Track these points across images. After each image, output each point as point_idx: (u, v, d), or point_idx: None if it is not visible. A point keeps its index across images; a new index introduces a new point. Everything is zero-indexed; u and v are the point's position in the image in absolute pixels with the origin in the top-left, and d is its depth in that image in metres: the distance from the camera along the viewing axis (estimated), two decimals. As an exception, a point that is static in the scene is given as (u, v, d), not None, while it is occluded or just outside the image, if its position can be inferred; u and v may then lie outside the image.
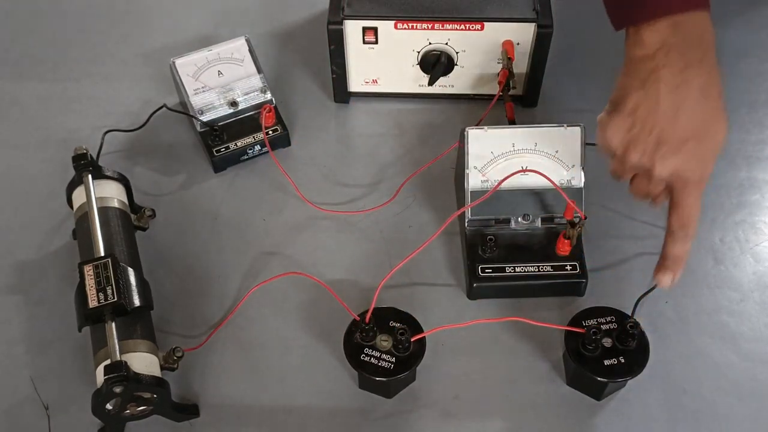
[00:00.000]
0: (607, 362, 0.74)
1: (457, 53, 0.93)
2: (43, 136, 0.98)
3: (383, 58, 0.94)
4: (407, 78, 0.97)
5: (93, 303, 0.72)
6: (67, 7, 1.11)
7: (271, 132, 0.94)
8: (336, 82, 0.98)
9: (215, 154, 0.93)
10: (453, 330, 0.80)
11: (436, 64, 0.93)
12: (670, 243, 0.74)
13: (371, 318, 0.75)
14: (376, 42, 0.93)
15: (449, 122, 0.98)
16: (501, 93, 0.93)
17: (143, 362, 0.72)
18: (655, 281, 0.75)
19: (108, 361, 0.70)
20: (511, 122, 0.90)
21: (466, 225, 0.84)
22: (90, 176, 0.81)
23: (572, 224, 0.80)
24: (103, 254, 0.76)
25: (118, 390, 0.69)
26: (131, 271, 0.77)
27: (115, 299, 0.73)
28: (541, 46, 0.91)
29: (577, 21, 1.03)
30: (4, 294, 0.85)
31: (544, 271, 0.82)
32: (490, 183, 0.83)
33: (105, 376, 0.69)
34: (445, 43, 0.92)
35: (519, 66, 0.94)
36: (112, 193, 0.83)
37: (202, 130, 0.93)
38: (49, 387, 0.79)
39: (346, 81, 0.97)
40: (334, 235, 0.89)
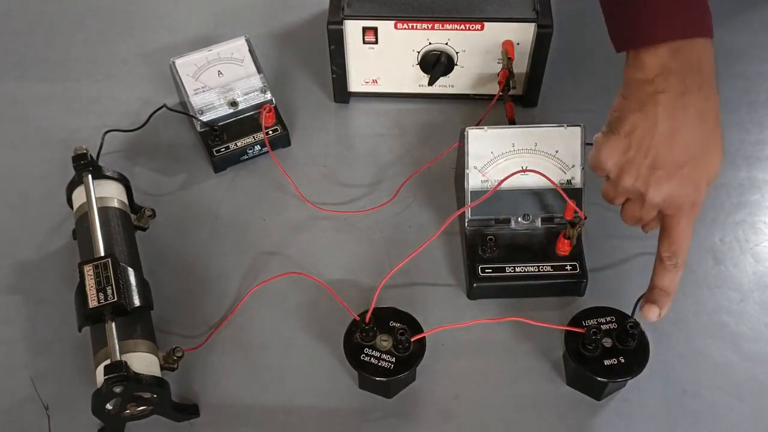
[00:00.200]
0: (607, 362, 0.74)
1: (457, 53, 0.93)
2: (43, 136, 0.98)
3: (383, 58, 0.94)
4: (407, 78, 0.97)
5: (93, 303, 0.72)
6: (67, 7, 1.11)
7: (271, 132, 0.94)
8: (336, 82, 0.98)
9: (215, 154, 0.93)
10: (453, 330, 0.80)
11: (436, 64, 0.93)
12: (659, 273, 0.73)
13: (371, 318, 0.75)
14: (376, 42, 0.93)
15: (449, 122, 0.98)
16: (501, 93, 0.93)
17: (143, 362, 0.72)
18: (641, 314, 0.74)
19: (108, 361, 0.70)
20: (511, 122, 0.90)
21: (466, 225, 0.84)
22: (90, 176, 0.81)
23: (572, 224, 0.80)
24: (103, 254, 0.76)
25: (118, 390, 0.69)
26: (131, 271, 0.77)
27: (115, 299, 0.73)
28: (541, 46, 0.91)
29: (577, 21, 1.03)
30: (4, 294, 0.85)
31: (544, 271, 0.82)
32: (490, 183, 0.83)
33: (105, 376, 0.69)
34: (445, 43, 0.92)
35: (519, 66, 0.94)
36: (112, 193, 0.83)
37: (202, 130, 0.93)
38: (49, 387, 0.79)
39: (346, 81, 0.97)
40: (334, 235, 0.89)
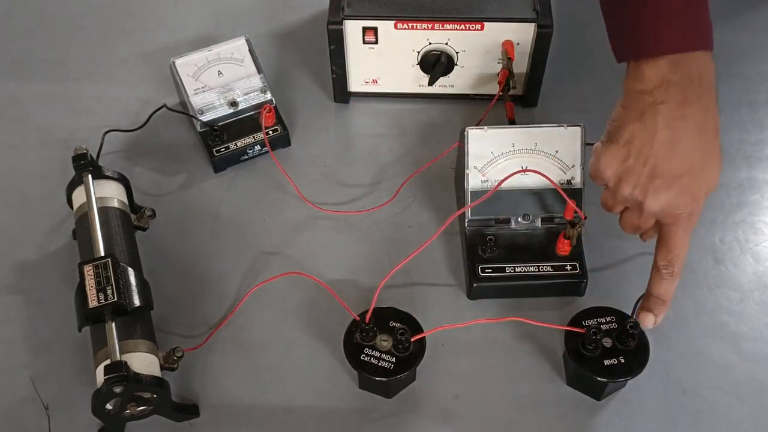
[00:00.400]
0: (607, 362, 0.74)
1: (457, 53, 0.93)
2: (43, 136, 0.98)
3: (383, 58, 0.94)
4: (407, 78, 0.97)
5: (93, 303, 0.72)
6: (67, 7, 1.11)
7: (271, 132, 0.94)
8: (336, 82, 0.98)
9: (215, 154, 0.93)
10: (453, 330, 0.80)
11: (436, 64, 0.93)
12: (655, 281, 0.74)
13: (371, 318, 0.75)
14: (376, 42, 0.93)
15: (449, 122, 0.98)
16: (501, 93, 0.93)
17: (143, 362, 0.72)
18: (638, 320, 0.75)
19: (108, 361, 0.70)
20: (511, 122, 0.90)
21: (466, 225, 0.84)
22: (90, 176, 0.81)
23: (572, 224, 0.80)
24: (103, 254, 0.76)
25: (118, 390, 0.69)
26: (131, 271, 0.77)
27: (115, 299, 0.73)
28: (541, 46, 0.91)
29: (577, 21, 1.03)
30: (4, 294, 0.85)
31: (544, 271, 0.82)
32: (490, 183, 0.83)
33: (105, 376, 0.69)
34: (445, 43, 0.92)
35: (519, 66, 0.93)
36: (112, 193, 0.83)
37: (202, 130, 0.93)
38: (49, 387, 0.79)
39: (346, 81, 0.97)
40: (334, 235, 0.89)
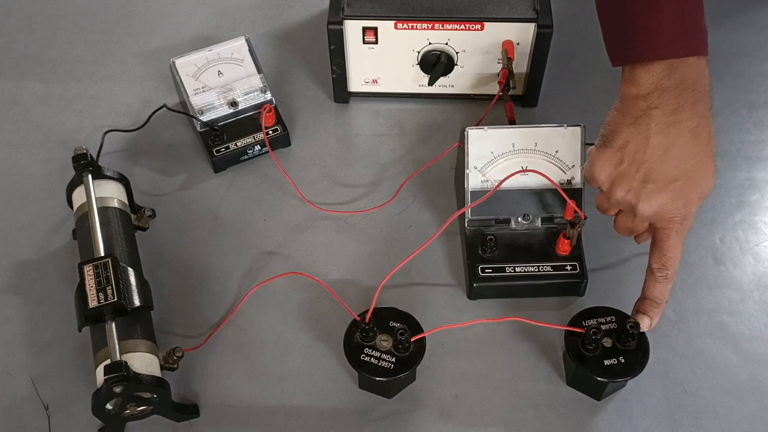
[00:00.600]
0: (607, 362, 0.74)
1: (457, 53, 0.93)
2: (43, 136, 0.98)
3: (383, 58, 0.94)
4: (407, 78, 0.97)
5: (93, 303, 0.73)
6: (67, 7, 1.11)
7: (271, 132, 0.94)
8: (336, 82, 0.98)
9: (215, 154, 0.93)
10: (453, 330, 0.80)
11: (436, 64, 0.93)
12: (649, 284, 0.74)
13: (371, 318, 0.75)
14: (376, 42, 0.93)
15: (449, 122, 0.98)
16: (501, 93, 0.93)
17: (143, 362, 0.72)
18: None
19: (108, 361, 0.70)
20: (511, 122, 0.90)
21: (466, 225, 0.84)
22: (90, 176, 0.81)
23: (572, 224, 0.80)
24: (103, 254, 0.76)
25: (118, 390, 0.69)
26: (131, 271, 0.77)
27: (115, 299, 0.73)
28: (541, 46, 0.91)
29: (577, 21, 1.03)
30: (4, 294, 0.85)
31: (544, 271, 0.82)
32: (490, 183, 0.83)
33: (105, 376, 0.69)
34: (445, 43, 0.92)
35: (519, 66, 0.93)
36: (112, 193, 0.83)
37: (202, 130, 0.93)
38: (49, 387, 0.79)
39: (346, 81, 0.97)
40: (334, 235, 0.89)
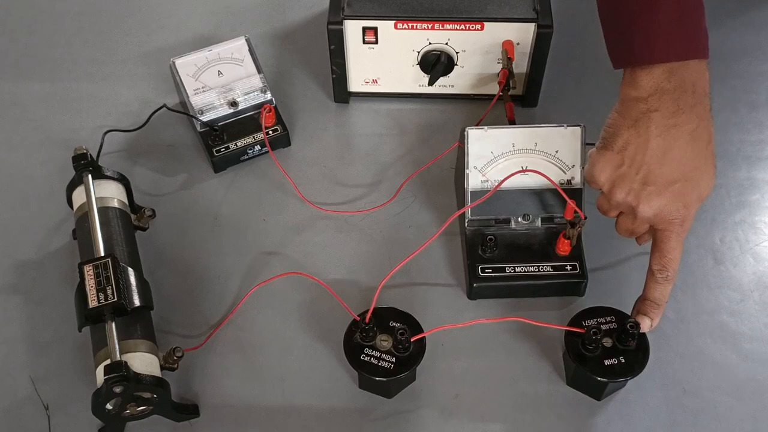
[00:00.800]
0: (607, 362, 0.74)
1: (457, 53, 0.93)
2: (43, 136, 0.98)
3: (383, 58, 0.94)
4: (407, 78, 0.97)
5: (93, 303, 0.72)
6: (67, 6, 1.11)
7: (271, 132, 0.94)
8: (336, 82, 0.98)
9: (215, 154, 0.93)
10: (453, 330, 0.79)
11: (436, 64, 0.93)
12: (650, 285, 0.75)
13: (371, 318, 0.75)
14: (376, 42, 0.93)
15: (449, 122, 0.98)
16: (501, 93, 0.93)
17: (143, 362, 0.72)
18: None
19: (108, 361, 0.70)
20: (511, 122, 0.90)
21: (466, 225, 0.84)
22: (90, 176, 0.81)
23: (572, 224, 0.80)
24: (103, 254, 0.76)
25: (118, 390, 0.69)
26: (131, 271, 0.77)
27: (115, 299, 0.73)
28: (541, 46, 0.91)
29: (577, 21, 1.03)
30: (4, 294, 0.85)
31: (544, 271, 0.82)
32: (490, 183, 0.83)
33: (105, 376, 0.69)
34: (445, 43, 0.92)
35: (519, 66, 0.93)
36: (112, 193, 0.83)
37: (202, 130, 0.93)
38: (49, 387, 0.79)
39: (346, 81, 0.97)
40: (334, 235, 0.89)
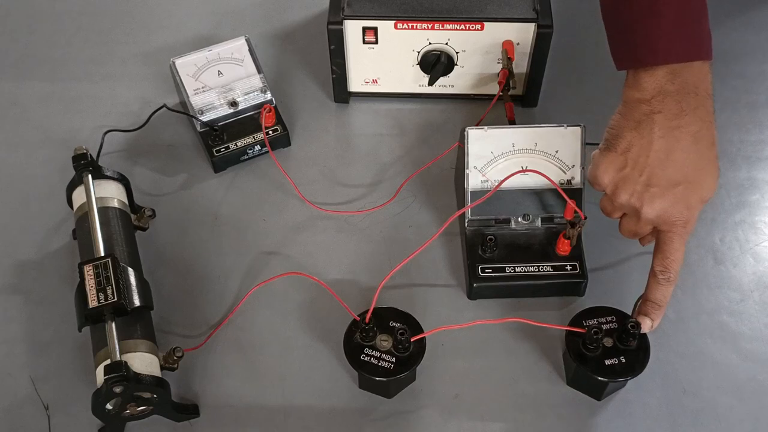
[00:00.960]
0: (607, 362, 0.74)
1: (457, 53, 0.93)
2: (43, 136, 0.98)
3: (383, 58, 0.94)
4: (407, 78, 0.97)
5: (93, 303, 0.72)
6: (67, 6, 1.11)
7: (271, 132, 0.94)
8: (336, 82, 0.98)
9: (215, 154, 0.93)
10: (453, 330, 0.79)
11: (436, 64, 0.93)
12: (651, 286, 0.75)
13: (371, 318, 0.75)
14: (376, 42, 0.93)
15: (449, 122, 0.98)
16: (501, 93, 0.93)
17: (143, 362, 0.72)
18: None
19: (108, 361, 0.70)
20: (511, 122, 0.90)
21: (466, 225, 0.84)
22: (90, 176, 0.81)
23: (572, 224, 0.80)
24: (103, 254, 0.76)
25: (118, 390, 0.69)
26: (131, 271, 0.77)
27: (115, 299, 0.73)
28: (541, 46, 0.91)
29: (577, 21, 1.03)
30: (4, 294, 0.85)
31: (544, 271, 0.82)
32: (490, 183, 0.83)
33: (105, 376, 0.69)
34: (445, 43, 0.92)
35: (519, 66, 0.93)
36: (112, 193, 0.83)
37: (202, 130, 0.93)
38: (49, 387, 0.79)
39: (346, 81, 0.97)
40: (334, 235, 0.89)
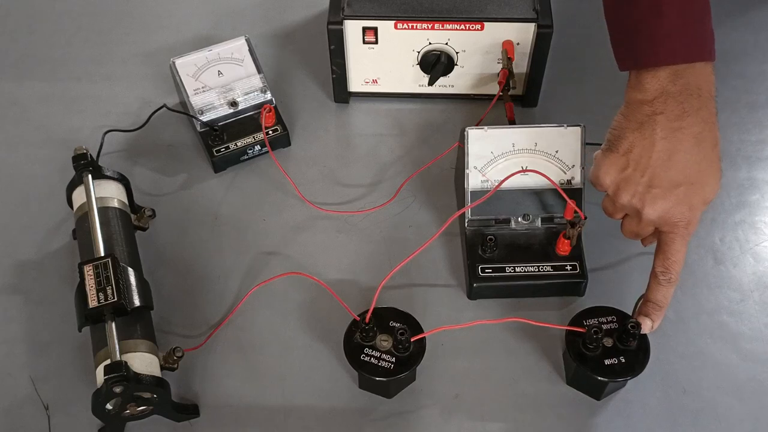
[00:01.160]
0: (607, 362, 0.74)
1: (457, 53, 0.93)
2: (43, 136, 0.98)
3: (383, 58, 0.94)
4: (407, 78, 0.97)
5: (93, 303, 0.72)
6: (67, 7, 1.11)
7: (271, 132, 0.94)
8: (336, 82, 0.98)
9: (215, 154, 0.93)
10: (453, 330, 0.79)
11: (436, 64, 0.93)
12: (652, 287, 0.75)
13: (371, 318, 0.75)
14: (376, 42, 0.93)
15: (449, 122, 0.98)
16: (501, 93, 0.93)
17: (143, 362, 0.72)
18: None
19: (108, 361, 0.70)
20: (511, 122, 0.90)
21: (466, 225, 0.84)
22: (90, 176, 0.81)
23: (572, 224, 0.80)
24: (103, 254, 0.76)
25: (118, 390, 0.69)
26: (131, 271, 0.77)
27: (115, 299, 0.73)
28: (541, 46, 0.91)
29: (577, 21, 1.03)
30: (4, 294, 0.85)
31: (544, 271, 0.82)
32: (490, 183, 0.83)
33: (105, 376, 0.69)
34: (445, 43, 0.92)
35: (519, 66, 0.93)
36: (112, 193, 0.83)
37: (202, 130, 0.93)
38: (49, 387, 0.79)
39: (346, 81, 0.97)
40: (334, 235, 0.89)
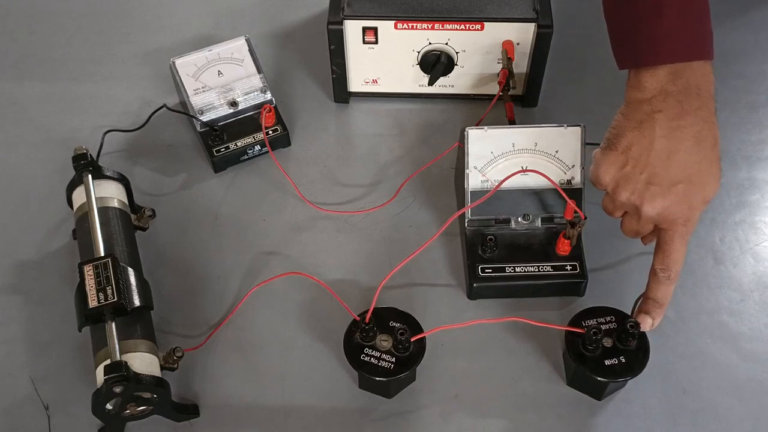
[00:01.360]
0: (607, 362, 0.74)
1: (457, 53, 0.93)
2: (43, 136, 0.98)
3: (383, 58, 0.94)
4: (407, 78, 0.97)
5: (93, 303, 0.73)
6: (67, 6, 1.11)
7: (271, 132, 0.94)
8: (336, 82, 0.98)
9: (215, 154, 0.93)
10: (453, 330, 0.79)
11: (436, 64, 0.93)
12: (652, 285, 0.75)
13: (371, 318, 0.75)
14: (376, 42, 0.93)
15: (449, 122, 0.98)
16: (501, 93, 0.93)
17: (143, 362, 0.72)
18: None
19: (108, 361, 0.70)
20: (511, 122, 0.90)
21: (466, 225, 0.84)
22: (90, 176, 0.81)
23: (572, 224, 0.80)
24: (103, 254, 0.76)
25: (118, 390, 0.69)
26: (131, 271, 0.77)
27: (115, 299, 0.73)
28: (541, 46, 0.91)
29: (577, 21, 1.03)
30: (4, 294, 0.85)
31: (544, 271, 0.82)
32: (490, 183, 0.83)
33: (105, 376, 0.69)
34: (445, 43, 0.92)
35: (519, 66, 0.93)
36: (112, 193, 0.83)
37: (202, 130, 0.93)
38: (49, 387, 0.79)
39: (346, 81, 0.97)
40: (334, 235, 0.89)
